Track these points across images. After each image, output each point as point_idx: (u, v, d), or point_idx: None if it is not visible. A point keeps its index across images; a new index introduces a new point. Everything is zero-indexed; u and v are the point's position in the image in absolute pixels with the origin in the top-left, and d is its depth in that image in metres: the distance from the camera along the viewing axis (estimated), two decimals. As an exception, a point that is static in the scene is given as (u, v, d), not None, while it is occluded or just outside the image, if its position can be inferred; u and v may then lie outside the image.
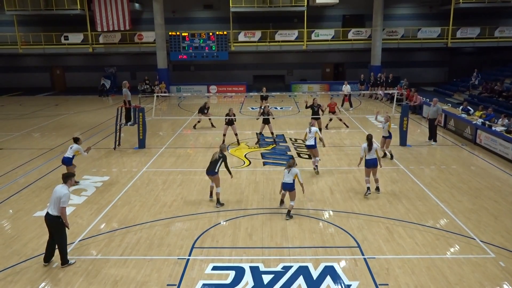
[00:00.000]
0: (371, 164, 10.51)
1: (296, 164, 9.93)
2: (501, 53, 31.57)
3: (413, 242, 8.36)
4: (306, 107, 16.81)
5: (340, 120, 18.47)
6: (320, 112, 16.56)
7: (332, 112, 18.06)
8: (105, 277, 7.31)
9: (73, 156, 11.36)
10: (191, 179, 12.22)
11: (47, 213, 7.44)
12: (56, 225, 7.40)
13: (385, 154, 13.66)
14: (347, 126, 18.40)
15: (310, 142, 12.31)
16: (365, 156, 10.55)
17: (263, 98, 21.00)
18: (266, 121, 15.69)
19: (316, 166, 12.56)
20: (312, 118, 15.16)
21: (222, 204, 10.22)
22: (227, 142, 15.80)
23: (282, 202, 10.14)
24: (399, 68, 32.52)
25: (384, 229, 8.93)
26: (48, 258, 7.67)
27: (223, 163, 10.12)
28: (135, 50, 31.67)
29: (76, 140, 11.46)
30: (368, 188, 10.68)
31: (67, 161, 11.31)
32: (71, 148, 11.39)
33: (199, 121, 19.00)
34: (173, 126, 19.66)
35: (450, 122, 17.95)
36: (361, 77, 28.43)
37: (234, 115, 15.83)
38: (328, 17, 32.72)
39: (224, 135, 15.71)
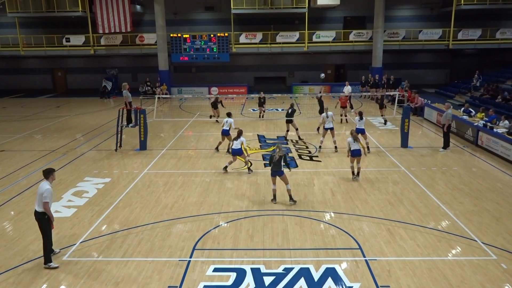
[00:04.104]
0: (356, 154, 11.92)
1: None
2: (502, 54, 31.57)
3: (414, 244, 8.35)
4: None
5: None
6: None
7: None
8: (107, 278, 7.32)
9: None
10: (192, 180, 12.22)
11: (35, 210, 7.50)
12: (41, 222, 7.49)
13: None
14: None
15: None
16: (351, 147, 11.97)
17: (262, 103, 20.69)
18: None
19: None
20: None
21: (295, 202, 10.35)
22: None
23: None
24: (400, 69, 32.54)
25: (386, 231, 8.92)
26: (49, 258, 7.69)
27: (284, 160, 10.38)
28: (137, 52, 31.75)
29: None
30: (353, 173, 12.20)
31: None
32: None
33: (211, 116, 19.96)
34: (174, 127, 19.68)
35: (451, 124, 17.89)
36: (362, 78, 28.45)
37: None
38: (329, 19, 32.77)
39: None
